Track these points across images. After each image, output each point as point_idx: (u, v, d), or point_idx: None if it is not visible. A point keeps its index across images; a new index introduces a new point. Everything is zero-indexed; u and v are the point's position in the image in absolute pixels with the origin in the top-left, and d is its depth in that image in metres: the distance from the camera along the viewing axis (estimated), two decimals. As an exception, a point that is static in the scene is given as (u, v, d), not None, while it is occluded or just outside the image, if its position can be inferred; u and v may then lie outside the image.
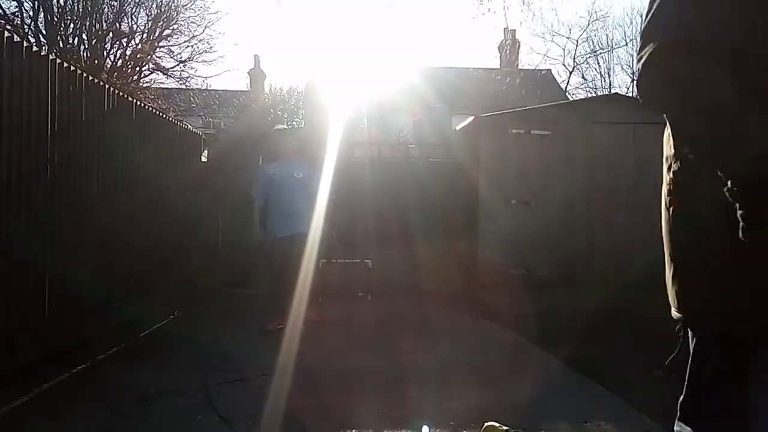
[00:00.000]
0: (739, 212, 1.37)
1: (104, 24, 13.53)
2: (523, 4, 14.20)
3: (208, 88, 17.41)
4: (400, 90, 16.76)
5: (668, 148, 1.66)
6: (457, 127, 9.39)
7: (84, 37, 13.23)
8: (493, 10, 16.67)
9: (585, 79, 25.53)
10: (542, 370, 4.74)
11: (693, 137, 1.49)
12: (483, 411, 3.52)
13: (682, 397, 1.68)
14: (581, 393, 4.15)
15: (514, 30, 22.17)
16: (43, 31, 12.70)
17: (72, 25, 13.08)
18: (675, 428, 1.68)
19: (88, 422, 3.46)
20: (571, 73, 24.31)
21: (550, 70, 23.44)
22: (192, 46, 14.77)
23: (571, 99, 20.25)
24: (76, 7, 12.95)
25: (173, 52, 14.81)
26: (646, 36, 1.49)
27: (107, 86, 5.74)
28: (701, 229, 1.56)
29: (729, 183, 1.36)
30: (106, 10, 13.55)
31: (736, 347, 1.53)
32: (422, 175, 8.63)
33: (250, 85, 23.58)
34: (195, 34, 14.62)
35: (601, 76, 24.99)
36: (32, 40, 11.86)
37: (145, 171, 6.37)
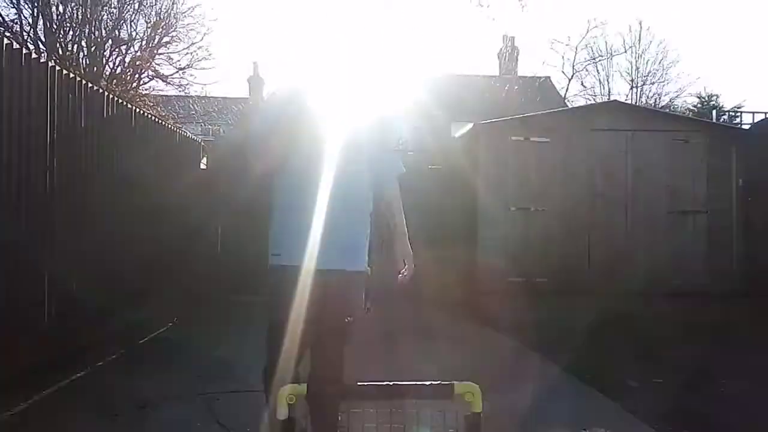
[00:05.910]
0: None
1: (103, 31, 13.54)
2: (522, 11, 14.22)
3: (207, 95, 17.42)
4: (400, 97, 16.80)
5: None
6: (457, 134, 9.42)
7: (83, 44, 13.25)
8: (492, 17, 16.81)
9: (584, 87, 25.52)
10: (541, 376, 4.73)
11: None
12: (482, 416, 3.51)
13: None
14: (580, 399, 4.15)
15: (513, 37, 22.24)
16: (42, 38, 12.70)
17: (71, 33, 13.10)
18: None
19: (87, 429, 3.45)
20: (570, 80, 24.20)
21: (549, 77, 23.39)
22: (191, 53, 14.77)
23: (570, 106, 20.29)
24: (75, 15, 12.97)
25: (172, 59, 14.81)
26: None
27: (106, 93, 5.77)
28: None
29: None
30: (105, 17, 13.58)
31: None
32: (421, 182, 8.64)
33: (249, 92, 23.63)
34: (194, 42, 14.63)
35: (600, 83, 24.89)
36: (31, 47, 11.89)
37: (145, 178, 6.38)
